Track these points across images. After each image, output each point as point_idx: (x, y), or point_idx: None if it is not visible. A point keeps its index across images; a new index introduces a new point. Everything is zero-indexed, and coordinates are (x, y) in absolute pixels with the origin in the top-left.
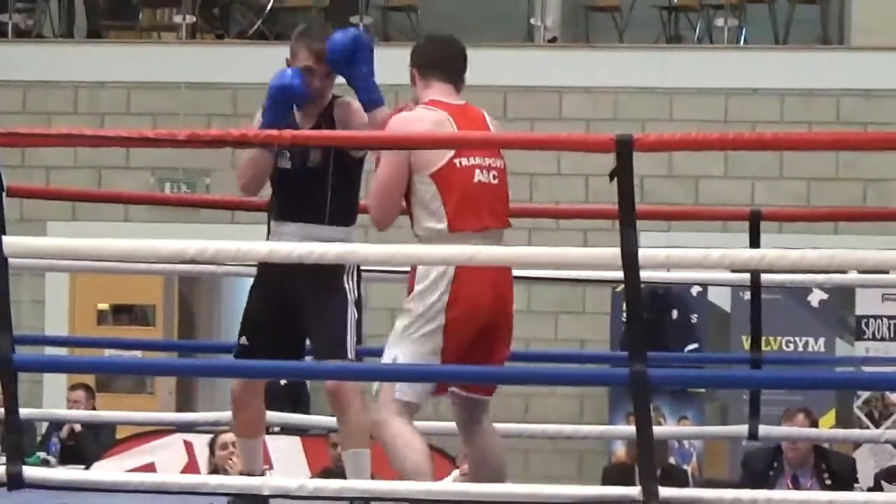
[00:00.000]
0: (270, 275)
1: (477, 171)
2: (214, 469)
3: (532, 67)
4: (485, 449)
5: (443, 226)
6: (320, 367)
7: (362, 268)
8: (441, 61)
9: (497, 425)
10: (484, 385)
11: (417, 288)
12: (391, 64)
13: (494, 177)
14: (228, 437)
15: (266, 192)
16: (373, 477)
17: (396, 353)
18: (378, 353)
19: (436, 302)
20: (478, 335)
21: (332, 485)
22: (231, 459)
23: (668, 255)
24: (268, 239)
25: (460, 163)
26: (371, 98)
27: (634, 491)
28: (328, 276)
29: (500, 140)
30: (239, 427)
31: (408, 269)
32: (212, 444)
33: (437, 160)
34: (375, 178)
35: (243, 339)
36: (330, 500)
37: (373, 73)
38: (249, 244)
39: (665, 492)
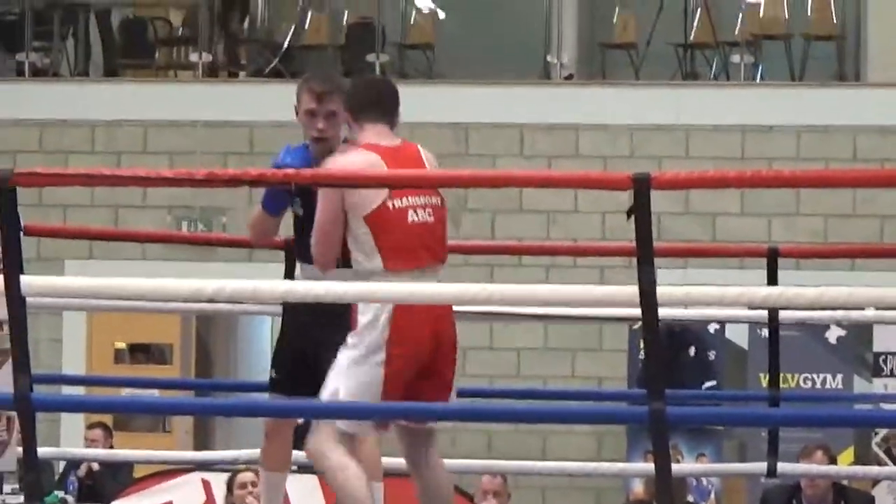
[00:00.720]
0: (297, 314)
1: (410, 211)
2: None
3: (549, 105)
4: (430, 482)
5: (377, 265)
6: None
7: None
8: (372, 103)
9: (516, 462)
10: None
11: (360, 323)
12: (408, 101)
13: (430, 214)
14: (247, 476)
15: (287, 230)
16: None
17: (338, 385)
18: None
19: (377, 338)
20: (418, 371)
21: None
22: (248, 498)
23: (686, 293)
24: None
25: (393, 204)
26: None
27: None
28: (344, 326)
29: (520, 179)
30: (267, 459)
31: None
32: (230, 483)
33: (370, 203)
34: (315, 220)
35: (273, 372)
36: None
37: None
38: (266, 283)
39: None
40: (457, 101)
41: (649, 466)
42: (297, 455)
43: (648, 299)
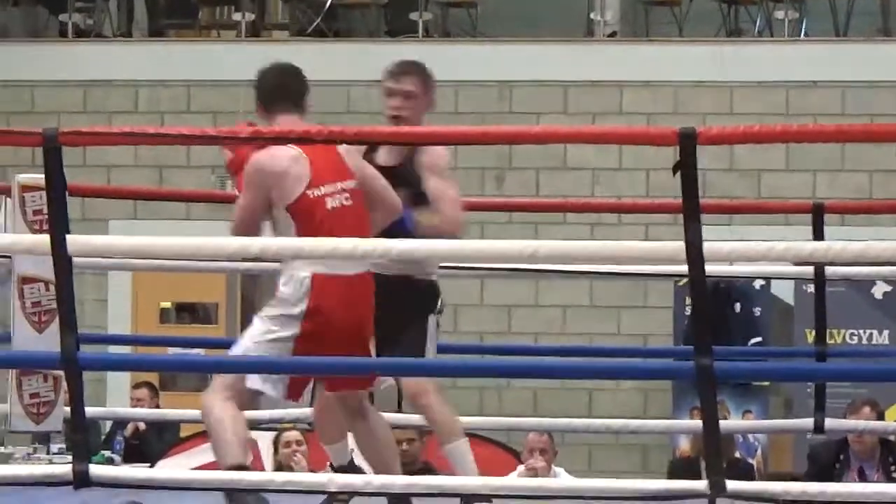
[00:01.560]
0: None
1: (328, 199)
2: (279, 466)
3: (592, 62)
4: (367, 437)
5: None
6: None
7: None
8: (283, 93)
9: (562, 420)
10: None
11: (280, 293)
12: (451, 60)
13: (347, 198)
14: (292, 434)
15: None
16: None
17: (250, 346)
18: None
19: (294, 310)
20: (329, 349)
21: (398, 481)
22: (296, 456)
23: (732, 249)
24: None
25: (312, 194)
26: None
27: (702, 485)
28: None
29: (565, 135)
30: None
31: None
32: (276, 442)
33: (290, 194)
34: (236, 208)
35: None
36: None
37: None
38: (312, 241)
39: (732, 485)
40: (500, 59)
41: (695, 423)
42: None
43: (695, 255)
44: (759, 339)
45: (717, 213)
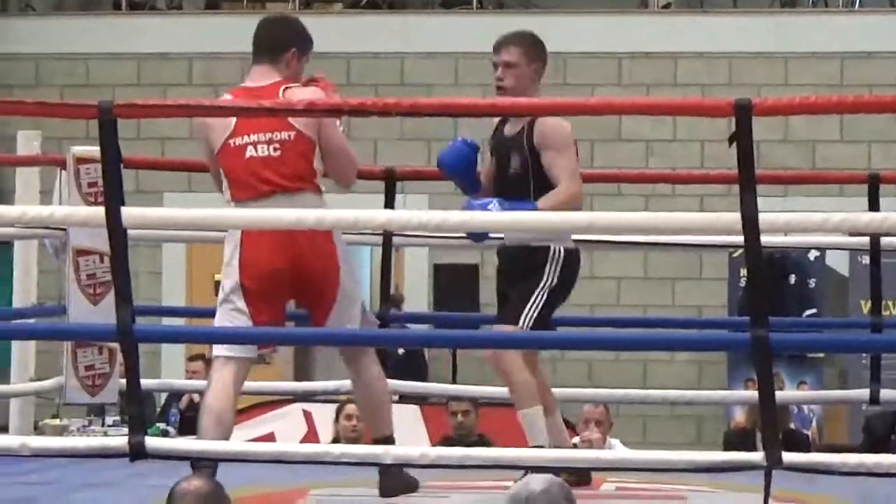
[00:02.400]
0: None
1: (249, 147)
2: (336, 438)
3: (647, 34)
4: (361, 390)
5: (228, 197)
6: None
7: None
8: (254, 46)
9: (617, 391)
10: None
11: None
12: (505, 32)
13: (275, 149)
14: (353, 407)
15: (383, 160)
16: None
17: (218, 314)
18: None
19: (231, 266)
20: (281, 294)
21: (454, 453)
22: (355, 430)
23: (788, 220)
24: None
25: (234, 142)
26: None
27: (758, 456)
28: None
29: (620, 106)
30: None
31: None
32: (338, 413)
33: (216, 144)
34: None
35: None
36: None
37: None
38: (368, 212)
39: (788, 456)
40: (554, 31)
41: (751, 394)
42: (399, 385)
43: (751, 226)
44: (813, 310)
45: (772, 184)
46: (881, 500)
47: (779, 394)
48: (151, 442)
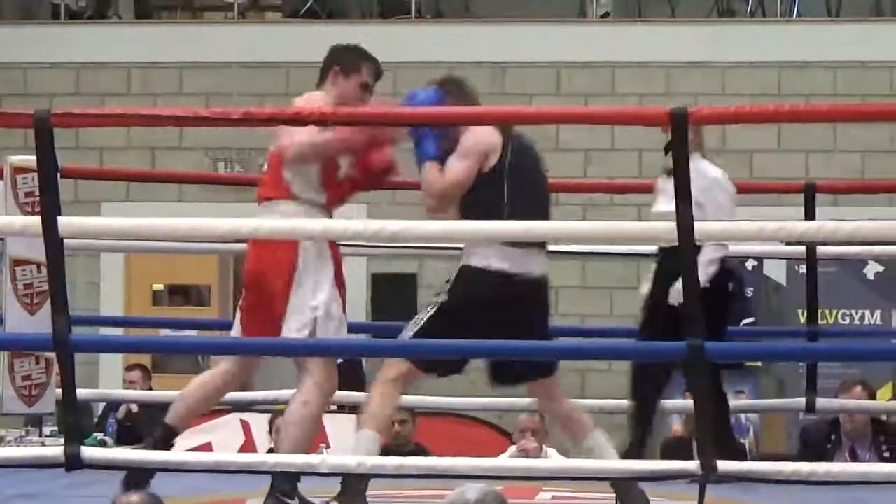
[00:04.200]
0: None
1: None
2: (273, 449)
3: (585, 43)
4: None
5: None
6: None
7: None
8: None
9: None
10: None
11: None
12: (444, 41)
13: (263, 165)
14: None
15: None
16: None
17: None
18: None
19: None
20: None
21: (390, 462)
22: None
23: (723, 228)
24: None
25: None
26: (424, 154)
27: (693, 465)
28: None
29: (559, 116)
30: None
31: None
32: (271, 424)
33: None
34: None
35: None
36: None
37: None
38: (304, 222)
39: (724, 465)
40: (492, 41)
41: (688, 403)
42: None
43: (686, 235)
44: (751, 319)
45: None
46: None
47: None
48: (88, 452)
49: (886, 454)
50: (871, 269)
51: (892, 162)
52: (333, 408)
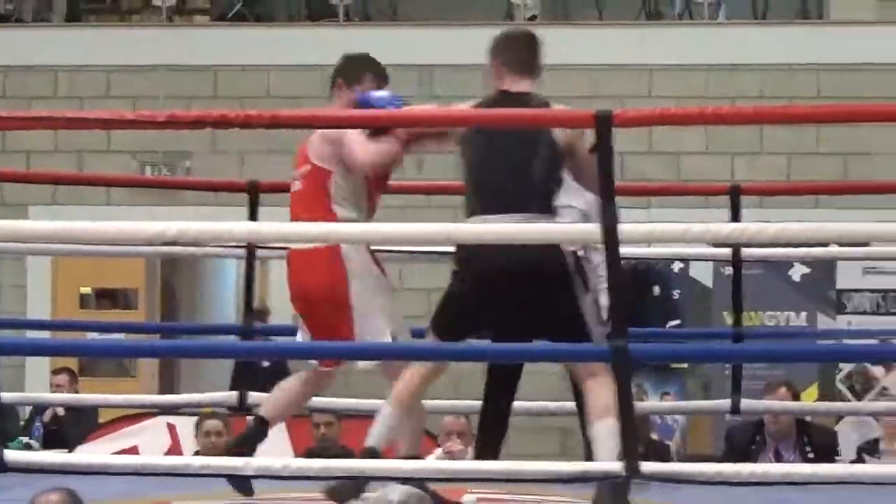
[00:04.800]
0: None
1: (292, 185)
2: (198, 453)
3: None
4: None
5: None
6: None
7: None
8: None
9: (478, 403)
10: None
11: None
12: (371, 44)
13: (297, 184)
14: (212, 424)
15: (250, 173)
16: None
17: None
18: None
19: None
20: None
21: (315, 464)
22: (215, 447)
23: (649, 230)
24: None
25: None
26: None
27: (617, 466)
28: None
29: (480, 118)
30: None
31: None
32: (197, 427)
33: None
34: None
35: None
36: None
37: None
38: (230, 225)
39: (647, 466)
40: (420, 43)
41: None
42: (263, 397)
43: (610, 237)
44: (677, 321)
45: (635, 196)
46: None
47: (641, 404)
48: (13, 455)
49: (811, 455)
50: (797, 272)
51: (817, 164)
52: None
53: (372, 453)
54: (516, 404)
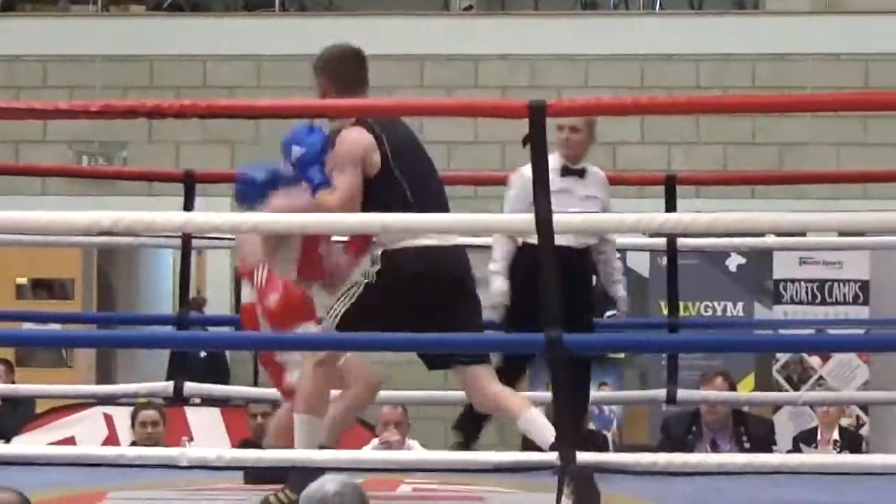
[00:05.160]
0: None
1: None
2: (135, 443)
3: (448, 36)
4: None
5: None
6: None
7: None
8: None
9: (416, 393)
10: None
11: None
12: (307, 35)
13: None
14: (148, 415)
15: (186, 163)
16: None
17: None
18: None
19: None
20: None
21: (249, 455)
22: (150, 437)
23: (583, 220)
24: None
25: None
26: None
27: (553, 456)
28: None
29: (415, 107)
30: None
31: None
32: (133, 418)
33: None
34: None
35: None
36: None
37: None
38: (164, 214)
39: (583, 456)
40: (356, 33)
41: (548, 395)
42: (201, 388)
43: (544, 227)
44: (614, 311)
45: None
46: (676, 499)
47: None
48: None
49: (747, 445)
50: (734, 262)
51: (753, 154)
52: (197, 400)
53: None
54: (454, 394)
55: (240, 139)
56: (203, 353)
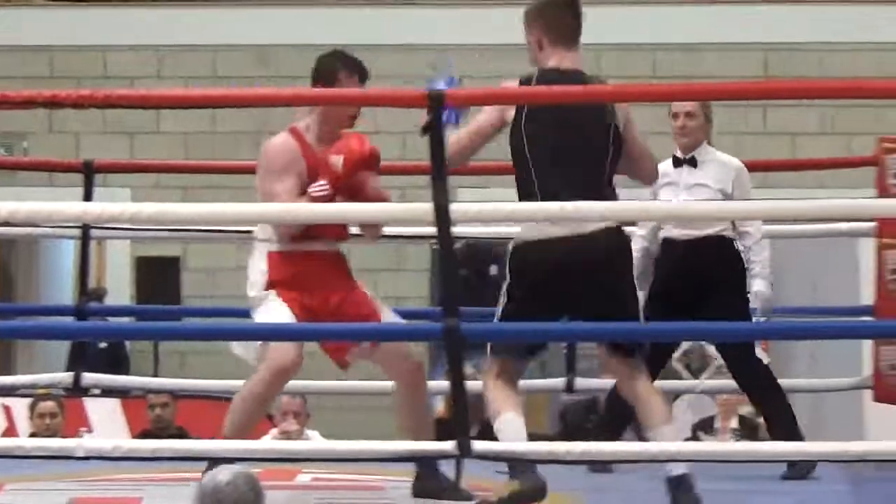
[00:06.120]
0: None
1: None
2: (35, 434)
3: (342, 26)
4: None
5: None
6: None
7: None
8: None
9: (314, 383)
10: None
11: None
12: (209, 24)
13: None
14: (47, 406)
15: (87, 153)
16: None
17: None
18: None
19: None
20: None
21: (146, 445)
22: (49, 428)
23: (479, 210)
24: None
25: None
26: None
27: (449, 445)
28: None
29: (313, 98)
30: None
31: None
32: (31, 409)
33: None
34: None
35: None
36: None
37: None
38: (62, 205)
39: (480, 445)
40: (257, 23)
41: (447, 384)
42: (100, 378)
43: (442, 216)
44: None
45: (472, 175)
46: (561, 482)
47: (475, 384)
48: None
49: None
50: None
51: (656, 143)
52: (96, 391)
53: None
54: (353, 383)
55: (139, 129)
56: (103, 344)
